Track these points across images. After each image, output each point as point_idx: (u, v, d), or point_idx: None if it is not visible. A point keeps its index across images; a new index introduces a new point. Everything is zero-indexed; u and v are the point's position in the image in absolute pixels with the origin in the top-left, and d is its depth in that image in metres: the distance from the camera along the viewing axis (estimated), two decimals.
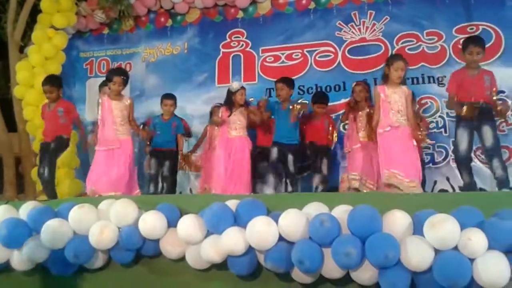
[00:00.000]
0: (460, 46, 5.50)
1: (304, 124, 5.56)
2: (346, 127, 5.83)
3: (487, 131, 4.31)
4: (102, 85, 5.99)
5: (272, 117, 5.49)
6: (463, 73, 4.54)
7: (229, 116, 5.28)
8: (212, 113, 5.82)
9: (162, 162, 5.62)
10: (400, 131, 4.35)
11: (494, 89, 4.37)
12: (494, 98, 4.32)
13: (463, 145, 4.38)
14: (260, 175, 5.48)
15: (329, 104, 5.80)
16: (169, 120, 5.74)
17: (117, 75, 5.00)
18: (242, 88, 5.34)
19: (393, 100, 4.39)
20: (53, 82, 5.25)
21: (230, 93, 5.31)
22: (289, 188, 5.21)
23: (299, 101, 5.19)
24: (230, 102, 5.31)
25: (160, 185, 5.61)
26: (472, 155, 4.87)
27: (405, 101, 4.42)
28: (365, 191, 5.02)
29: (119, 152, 4.87)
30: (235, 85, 5.35)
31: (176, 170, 5.77)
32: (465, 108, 4.28)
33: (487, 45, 5.42)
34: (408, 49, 6.01)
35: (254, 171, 5.40)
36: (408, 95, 4.48)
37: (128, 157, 4.91)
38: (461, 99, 4.45)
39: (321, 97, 5.77)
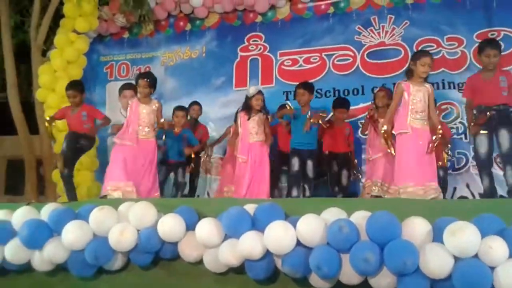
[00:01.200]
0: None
1: (323, 132, 5.47)
2: (366, 133, 5.80)
3: (503, 135, 4.23)
4: (122, 88, 6.06)
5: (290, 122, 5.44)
6: (477, 77, 4.50)
7: (248, 119, 5.28)
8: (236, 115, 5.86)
9: (175, 172, 5.66)
10: (420, 134, 4.25)
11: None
12: None
13: (482, 149, 4.32)
14: (279, 181, 5.47)
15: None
16: (180, 133, 5.68)
17: (141, 78, 5.09)
18: (259, 93, 5.30)
19: (417, 98, 4.29)
20: (76, 87, 5.35)
21: (247, 98, 5.31)
22: (307, 193, 5.20)
23: (320, 113, 5.19)
24: (248, 107, 5.31)
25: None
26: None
27: (427, 99, 4.33)
28: (387, 197, 4.97)
29: (140, 153, 4.93)
30: (251, 90, 5.33)
31: (197, 176, 5.79)
32: (479, 117, 4.27)
33: (508, 51, 5.43)
34: None
35: (272, 174, 5.40)
36: (431, 93, 4.38)
37: (151, 159, 4.98)
38: (478, 103, 4.41)
39: (341, 102, 5.75)
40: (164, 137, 5.63)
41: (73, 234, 3.49)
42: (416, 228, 2.92)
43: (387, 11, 6.30)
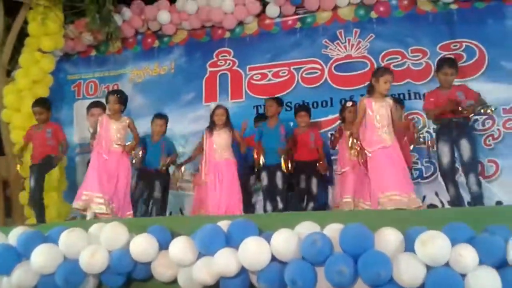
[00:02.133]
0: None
1: (291, 143, 5.47)
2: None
3: (465, 145, 4.41)
4: (90, 107, 5.98)
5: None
6: (436, 93, 4.67)
7: (211, 136, 5.22)
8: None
9: (151, 184, 5.55)
10: (391, 147, 4.33)
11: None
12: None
13: (445, 159, 4.48)
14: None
15: (316, 120, 5.84)
16: (158, 141, 5.68)
17: (112, 94, 5.08)
18: (218, 108, 5.28)
19: (380, 114, 4.38)
20: (43, 104, 5.32)
21: (210, 115, 5.32)
22: (280, 205, 5.20)
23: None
24: (211, 123, 5.29)
25: (150, 207, 5.55)
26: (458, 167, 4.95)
27: (390, 113, 4.42)
28: None
29: (116, 167, 4.89)
30: (212, 105, 5.39)
31: (167, 191, 5.73)
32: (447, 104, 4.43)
33: (471, 62, 5.61)
34: (394, 66, 6.06)
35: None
36: (393, 106, 4.48)
37: (124, 174, 4.94)
38: (438, 117, 4.60)
39: (300, 106, 5.83)
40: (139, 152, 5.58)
41: (43, 258, 3.41)
42: (388, 238, 2.95)
43: (353, 25, 6.41)
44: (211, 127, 5.27)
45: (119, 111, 5.07)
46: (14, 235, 3.67)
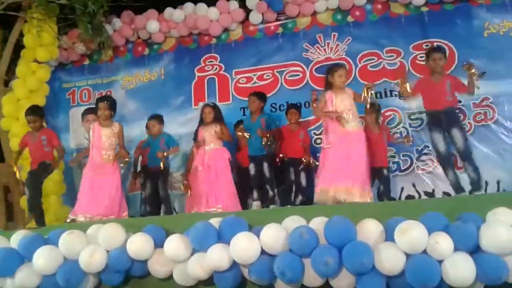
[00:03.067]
0: (417, 62, 5.70)
1: (280, 139, 5.48)
2: (318, 141, 5.89)
3: (456, 133, 4.34)
4: (85, 113, 5.93)
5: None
6: (427, 79, 4.61)
7: (202, 131, 5.25)
8: (196, 133, 5.83)
9: (155, 182, 5.48)
10: (352, 138, 4.31)
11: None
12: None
13: (441, 147, 4.42)
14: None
15: (300, 120, 5.83)
16: (158, 137, 5.62)
17: (101, 101, 4.99)
18: (206, 106, 5.33)
19: (342, 107, 4.37)
20: (36, 112, 5.18)
21: (200, 113, 5.37)
22: (270, 193, 5.19)
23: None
24: (201, 120, 5.34)
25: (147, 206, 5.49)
26: (435, 161, 4.96)
27: (352, 101, 4.41)
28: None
29: (106, 177, 4.78)
30: (200, 104, 5.41)
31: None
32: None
33: None
34: (370, 66, 6.14)
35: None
36: (353, 93, 4.46)
37: (116, 180, 4.84)
38: (426, 107, 4.57)
39: (291, 104, 5.82)
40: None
41: (44, 260, 3.40)
42: (370, 229, 2.99)
43: (331, 29, 6.42)
44: (201, 124, 5.31)
45: (109, 117, 4.98)
46: (16, 239, 3.65)
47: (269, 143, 5.22)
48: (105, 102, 4.98)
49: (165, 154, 5.39)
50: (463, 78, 4.52)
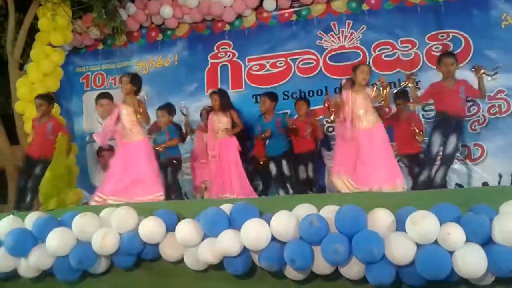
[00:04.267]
0: (432, 53, 5.63)
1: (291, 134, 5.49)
2: (330, 129, 5.87)
3: (453, 139, 4.37)
4: (98, 98, 5.94)
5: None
6: (440, 84, 4.60)
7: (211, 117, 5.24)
8: (201, 115, 5.87)
9: (165, 171, 5.41)
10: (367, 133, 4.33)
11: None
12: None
13: (434, 148, 4.43)
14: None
15: (312, 108, 5.81)
16: (164, 129, 5.61)
17: (124, 75, 4.81)
18: (213, 93, 5.32)
19: (358, 103, 4.38)
20: (44, 97, 5.26)
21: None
22: (290, 191, 5.22)
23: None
24: (209, 107, 5.38)
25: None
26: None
27: (368, 100, 4.38)
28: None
29: (135, 155, 4.54)
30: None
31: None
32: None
33: (457, 51, 5.56)
34: (384, 56, 6.08)
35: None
36: (371, 92, 4.39)
37: (147, 158, 4.56)
38: (439, 109, 4.57)
39: (299, 97, 5.87)
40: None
41: (57, 241, 3.45)
42: (381, 219, 2.98)
43: (346, 17, 6.35)
44: (210, 111, 5.33)
45: (131, 92, 4.68)
46: (30, 220, 3.70)
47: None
48: (128, 75, 4.76)
49: (162, 146, 5.37)
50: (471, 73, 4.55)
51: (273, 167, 5.40)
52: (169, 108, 5.77)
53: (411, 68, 5.88)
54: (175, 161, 5.54)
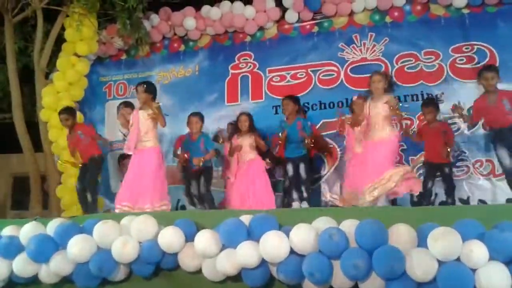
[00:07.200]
0: (457, 65, 5.65)
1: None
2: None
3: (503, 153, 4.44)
4: (120, 107, 6.04)
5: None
6: (483, 100, 4.61)
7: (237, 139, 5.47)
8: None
9: (197, 181, 5.39)
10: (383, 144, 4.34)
11: None
12: None
13: (507, 161, 4.43)
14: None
15: (332, 120, 5.79)
16: (198, 138, 5.49)
17: (139, 85, 4.91)
18: (242, 114, 5.49)
19: (374, 113, 4.41)
20: (68, 110, 5.45)
21: (236, 120, 5.57)
22: (305, 194, 5.22)
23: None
24: (236, 128, 5.55)
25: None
26: (472, 167, 4.87)
27: (387, 109, 4.36)
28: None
29: (145, 162, 4.69)
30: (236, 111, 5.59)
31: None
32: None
33: (482, 63, 5.49)
34: (407, 68, 6.04)
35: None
36: (388, 101, 4.36)
37: (155, 167, 4.70)
38: (488, 125, 4.64)
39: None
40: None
41: (78, 248, 3.46)
42: (402, 234, 2.93)
43: (368, 29, 6.35)
44: (236, 132, 5.49)
45: (147, 101, 4.81)
46: (52, 226, 3.73)
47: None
48: (143, 85, 4.85)
49: (202, 160, 5.26)
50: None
51: (290, 169, 5.36)
52: (200, 115, 5.69)
53: (435, 80, 5.83)
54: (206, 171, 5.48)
